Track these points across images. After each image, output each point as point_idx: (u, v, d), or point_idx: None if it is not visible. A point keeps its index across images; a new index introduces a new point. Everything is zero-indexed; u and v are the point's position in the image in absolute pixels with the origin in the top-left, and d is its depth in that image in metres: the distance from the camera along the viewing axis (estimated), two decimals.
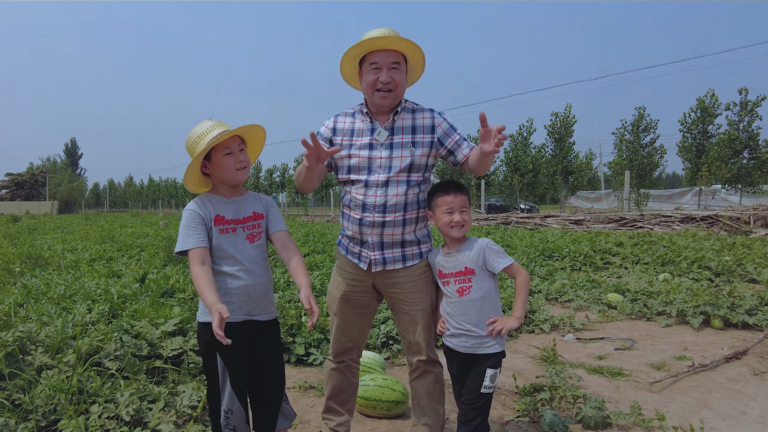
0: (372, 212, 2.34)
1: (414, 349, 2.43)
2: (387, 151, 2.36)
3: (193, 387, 3.21)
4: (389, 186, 2.34)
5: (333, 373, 2.58)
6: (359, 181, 2.37)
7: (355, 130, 2.44)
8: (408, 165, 2.35)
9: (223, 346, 2.25)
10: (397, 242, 2.39)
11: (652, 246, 10.45)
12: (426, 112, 2.45)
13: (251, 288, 2.25)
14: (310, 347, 4.15)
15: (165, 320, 4.08)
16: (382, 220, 2.33)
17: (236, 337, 2.24)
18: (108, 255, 10.45)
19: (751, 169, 21.90)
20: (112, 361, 3.41)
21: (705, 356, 4.21)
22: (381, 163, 2.35)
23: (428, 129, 2.41)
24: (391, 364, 4.06)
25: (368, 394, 3.03)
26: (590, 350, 4.45)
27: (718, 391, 3.44)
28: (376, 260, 2.38)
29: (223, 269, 2.23)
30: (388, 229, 2.35)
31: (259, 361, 2.32)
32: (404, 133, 2.39)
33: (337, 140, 2.45)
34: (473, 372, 2.24)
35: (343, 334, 2.52)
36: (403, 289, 2.40)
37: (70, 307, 4.79)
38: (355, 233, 2.41)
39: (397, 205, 2.33)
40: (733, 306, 5.23)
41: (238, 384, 2.26)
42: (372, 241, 2.37)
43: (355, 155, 2.39)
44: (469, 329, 2.23)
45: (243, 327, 2.26)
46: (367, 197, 2.35)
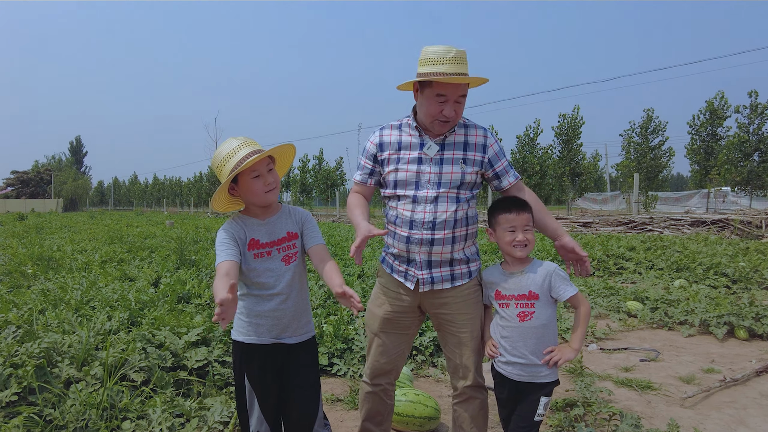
0: (420, 229, 2.26)
1: (461, 373, 2.35)
2: (437, 167, 2.29)
3: (221, 401, 3.16)
4: (439, 202, 2.26)
5: (369, 397, 2.49)
6: (406, 197, 2.30)
7: (402, 143, 2.35)
8: (458, 181, 2.28)
9: (250, 368, 2.21)
10: (445, 261, 2.31)
11: (665, 251, 10.37)
12: (479, 130, 2.37)
13: (282, 312, 2.20)
14: (333, 357, 4.10)
15: (188, 329, 4.04)
16: (431, 238, 2.26)
17: (264, 360, 2.21)
18: (118, 257, 10.42)
19: (761, 172, 21.74)
20: (137, 372, 3.37)
21: (733, 369, 4.15)
22: (430, 179, 2.28)
23: (480, 147, 2.33)
24: (416, 375, 4.02)
25: (400, 409, 2.98)
26: (615, 361, 4.40)
27: (753, 407, 3.38)
28: (424, 279, 2.31)
29: (254, 292, 2.19)
30: (437, 247, 2.28)
31: (292, 383, 2.26)
32: (455, 149, 2.31)
33: (383, 155, 2.37)
34: (526, 399, 2.17)
35: (383, 355, 2.43)
36: (451, 309, 2.34)
37: (89, 314, 4.76)
38: (402, 251, 2.33)
39: (447, 222, 2.26)
40: (757, 316, 5.16)
41: (268, 406, 2.22)
42: (420, 259, 2.30)
43: (403, 169, 2.31)
44: (525, 356, 2.15)
45: (272, 349, 2.22)
46: (416, 213, 2.27)
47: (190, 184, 64.34)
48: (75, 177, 77.58)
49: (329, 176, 39.21)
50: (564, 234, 2.32)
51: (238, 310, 2.24)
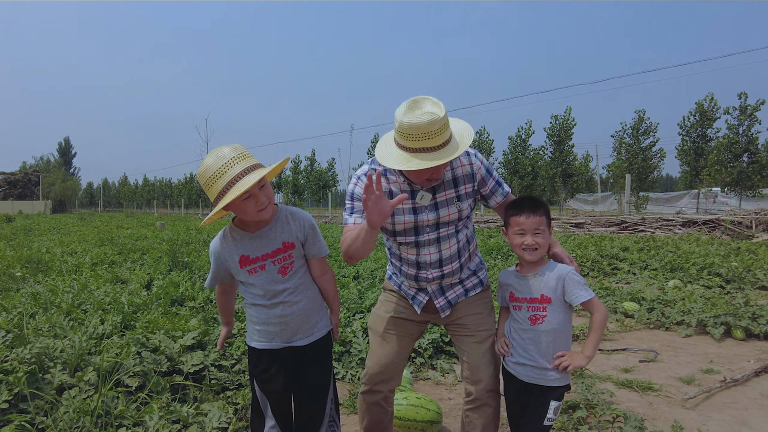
0: (428, 269, 2.29)
1: (476, 375, 2.26)
2: (433, 213, 2.23)
3: (218, 406, 3.10)
4: (441, 242, 2.27)
5: (372, 408, 2.43)
6: (408, 243, 2.28)
7: (393, 192, 2.23)
8: (456, 219, 2.27)
9: (261, 372, 2.17)
10: (456, 283, 2.36)
11: (658, 251, 10.42)
12: (463, 158, 2.26)
13: (289, 318, 2.13)
14: (332, 360, 4.04)
15: (183, 333, 3.97)
16: (440, 274, 2.29)
17: (275, 363, 2.16)
18: (109, 259, 10.29)
19: (750, 173, 21.95)
20: (131, 377, 3.29)
21: (732, 369, 4.14)
22: (428, 223, 2.25)
23: (468, 178, 2.26)
24: (416, 378, 3.97)
25: (402, 413, 2.93)
26: (614, 362, 4.38)
27: (755, 408, 3.37)
28: (442, 306, 2.34)
29: (258, 302, 2.13)
30: (447, 279, 2.32)
31: (301, 384, 2.22)
32: (447, 188, 2.24)
33: None
34: (535, 402, 2.12)
35: (389, 360, 2.37)
36: (463, 312, 2.33)
37: (81, 318, 4.67)
38: (412, 285, 2.36)
39: (452, 256, 2.29)
40: (754, 316, 5.18)
41: (281, 410, 2.19)
42: (431, 289, 2.33)
43: (400, 222, 2.24)
44: (535, 359, 2.11)
45: (284, 353, 2.17)
46: (421, 256, 2.28)
47: (180, 185, 63.88)
48: (64, 178, 76.79)
49: (321, 177, 39.12)
50: (555, 244, 2.27)
51: (248, 317, 2.21)
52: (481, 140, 32.18)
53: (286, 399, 2.20)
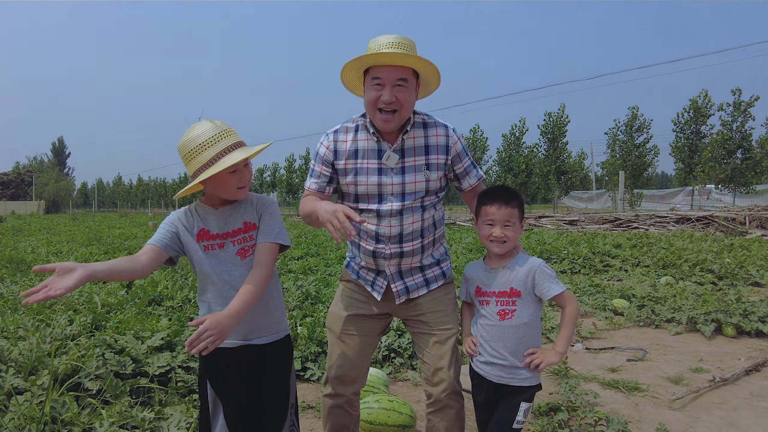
0: (387, 243, 2.10)
1: (437, 377, 2.13)
2: (399, 177, 2.09)
3: (181, 410, 2.95)
4: (404, 215, 2.09)
5: (334, 411, 2.27)
6: (369, 211, 2.11)
7: (359, 150, 2.13)
8: (423, 191, 2.11)
9: (214, 373, 2.00)
10: (416, 268, 2.18)
11: (650, 248, 10.30)
12: (439, 128, 2.16)
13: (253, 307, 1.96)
14: (307, 361, 3.89)
15: (151, 333, 3.81)
16: (399, 251, 2.11)
17: (231, 363, 2.00)
18: (94, 258, 10.11)
19: (744, 170, 21.90)
20: (92, 381, 3.13)
21: (722, 368, 4.01)
22: (393, 190, 2.09)
23: (442, 149, 2.14)
24: (394, 379, 3.82)
25: (373, 417, 2.79)
26: (601, 361, 4.24)
27: (744, 409, 3.23)
28: (399, 291, 2.16)
29: (212, 291, 1.95)
30: (407, 259, 2.13)
31: (259, 388, 2.05)
32: (417, 155, 2.11)
33: (339, 164, 2.15)
34: (505, 404, 1.99)
35: (349, 362, 2.22)
36: (424, 309, 2.17)
37: (50, 319, 4.50)
38: (369, 264, 2.17)
39: (414, 233, 2.11)
40: (745, 313, 5.05)
41: (233, 414, 2.00)
42: (390, 272, 2.15)
43: (363, 182, 2.11)
44: (505, 357, 1.97)
45: (239, 352, 1.99)
46: (381, 227, 2.10)
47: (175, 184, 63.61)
48: (57, 178, 76.35)
49: None
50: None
51: (200, 313, 2.01)
52: (475, 138, 32.07)
53: (242, 404, 2.04)
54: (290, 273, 7.88)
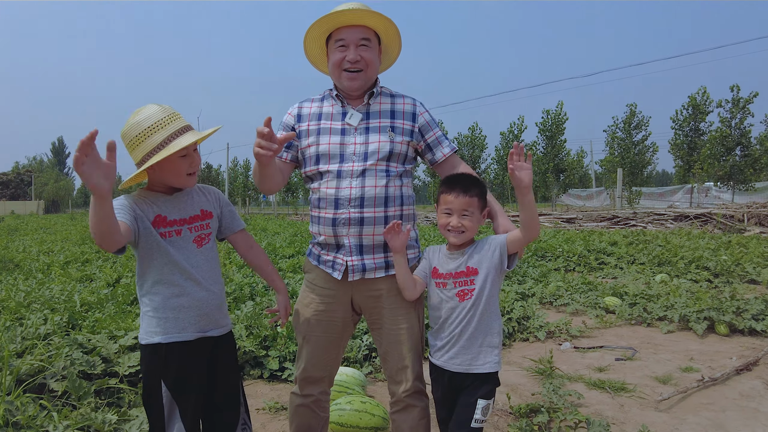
0: (347, 207, 1.98)
1: (398, 376, 2.05)
2: (362, 137, 2.03)
3: None
4: (366, 176, 1.98)
5: (300, 410, 2.18)
6: (330, 173, 2.01)
7: (323, 113, 2.10)
8: (387, 152, 2.01)
9: (173, 371, 1.90)
10: (378, 245, 2.03)
11: (647, 245, 10.19)
12: (407, 98, 2.14)
13: (204, 301, 1.90)
14: (285, 361, 3.79)
15: (125, 332, 3.71)
16: (359, 217, 1.97)
17: (189, 358, 1.90)
18: (85, 257, 10.01)
19: (743, 167, 21.77)
20: (59, 381, 3.03)
21: (713, 367, 3.90)
22: (355, 150, 2.01)
23: (408, 115, 2.09)
24: (374, 379, 3.71)
25: (344, 419, 2.68)
26: (589, 361, 4.13)
27: (733, 410, 3.12)
28: (354, 266, 2.01)
29: (168, 280, 1.86)
30: (368, 228, 1.99)
31: (215, 385, 1.97)
32: (382, 117, 2.06)
33: (302, 127, 2.11)
34: (462, 402, 1.91)
35: (314, 363, 2.12)
36: (386, 303, 2.05)
37: (27, 318, 4.40)
38: (329, 236, 2.04)
39: (377, 198, 1.98)
40: (738, 311, 4.94)
41: (189, 415, 1.90)
42: (349, 243, 2.01)
43: (324, 142, 2.04)
44: (462, 341, 1.92)
45: (196, 346, 1.90)
46: (341, 190, 1.99)
47: None
48: (57, 178, 76.27)
49: None
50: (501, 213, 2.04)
51: (147, 309, 1.90)
52: (474, 136, 31.95)
53: (196, 401, 1.93)
54: (280, 271, 7.78)
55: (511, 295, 5.66)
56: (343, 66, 2.01)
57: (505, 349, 4.49)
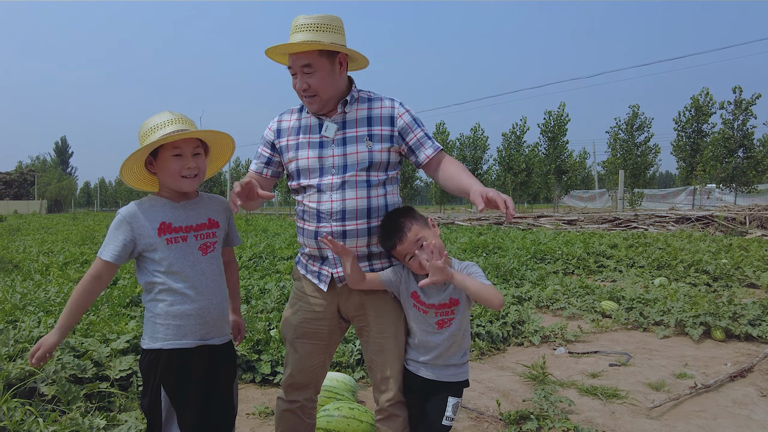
0: (329, 221, 1.98)
1: (383, 386, 2.05)
2: (339, 148, 2.01)
3: (137, 416, 2.85)
4: (346, 189, 1.98)
5: (285, 415, 2.19)
6: (311, 187, 2.02)
7: (301, 127, 2.10)
8: (366, 162, 2.00)
9: (173, 377, 1.90)
10: (362, 255, 2.03)
11: (647, 248, 10.14)
12: (385, 101, 2.09)
13: (206, 310, 1.92)
14: (277, 365, 3.78)
15: (118, 336, 3.71)
16: (341, 230, 1.97)
17: (188, 365, 1.91)
18: (84, 258, 10.03)
19: (745, 169, 21.69)
20: (49, 386, 3.03)
21: (707, 373, 3.88)
22: (334, 162, 2.00)
23: (386, 120, 2.06)
24: (366, 384, 3.70)
25: (332, 426, 2.68)
26: (583, 366, 4.12)
27: (724, 417, 3.11)
28: (340, 277, 2.03)
29: (172, 287, 1.89)
30: (351, 240, 1.98)
31: (212, 392, 1.98)
32: (359, 126, 2.04)
33: (281, 142, 2.12)
34: (433, 400, 1.95)
35: (300, 370, 2.14)
36: (370, 311, 2.05)
37: (21, 320, 4.41)
38: (313, 249, 2.06)
39: (359, 210, 1.98)
40: (735, 316, 4.91)
41: (187, 421, 1.91)
42: (333, 255, 2.02)
43: (303, 156, 2.04)
44: (440, 360, 1.96)
45: (197, 353, 1.92)
46: (322, 204, 1.99)
47: None
48: (60, 178, 76.63)
49: None
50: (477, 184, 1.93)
51: (151, 314, 1.93)
52: (476, 137, 31.91)
53: (193, 407, 1.94)
54: (276, 273, 7.77)
55: (507, 298, 5.64)
56: (299, 93, 2.04)
57: (499, 353, 4.48)
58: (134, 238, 1.88)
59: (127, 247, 1.88)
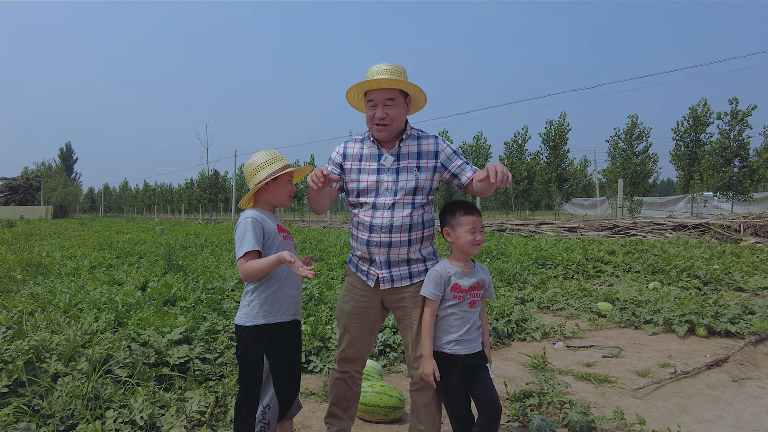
0: (379, 233, 2.54)
1: (417, 363, 2.57)
2: (393, 176, 2.58)
3: (200, 393, 3.37)
4: (395, 208, 2.54)
5: (337, 383, 2.75)
6: (367, 204, 2.58)
7: (363, 155, 2.66)
8: (413, 188, 2.56)
9: (272, 347, 2.37)
10: (403, 260, 2.60)
11: (643, 254, 10.65)
12: (430, 139, 2.66)
13: (296, 296, 2.49)
14: (310, 355, 4.31)
15: (171, 329, 4.24)
16: (388, 240, 2.54)
17: (286, 336, 2.44)
18: (107, 262, 10.57)
19: (741, 178, 22.22)
20: (121, 368, 3.57)
21: (688, 363, 4.40)
22: (388, 187, 2.56)
23: (432, 155, 2.62)
24: (388, 371, 4.23)
25: (367, 400, 3.20)
26: (579, 358, 4.64)
27: (698, 397, 3.63)
28: (384, 278, 2.58)
29: (278, 275, 2.41)
30: (395, 249, 2.55)
31: (294, 357, 2.51)
32: (410, 159, 2.60)
33: (347, 165, 2.68)
34: (481, 374, 2.50)
35: (351, 346, 2.70)
36: (408, 303, 2.59)
37: (78, 316, 4.94)
38: (364, 253, 2.62)
39: (403, 226, 2.54)
40: (717, 315, 5.44)
41: (280, 380, 2.41)
42: (380, 260, 2.58)
43: (364, 180, 2.60)
44: (470, 333, 2.52)
45: (289, 326, 2.47)
46: (374, 219, 2.55)
47: (180, 190, 64.22)
48: (65, 183, 77.21)
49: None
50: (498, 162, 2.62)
51: (254, 297, 2.40)
52: (478, 145, 32.47)
53: (285, 370, 2.43)
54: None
55: (511, 299, 6.17)
56: (374, 121, 2.58)
57: (504, 347, 5.00)
58: (263, 227, 2.41)
59: (258, 235, 2.39)
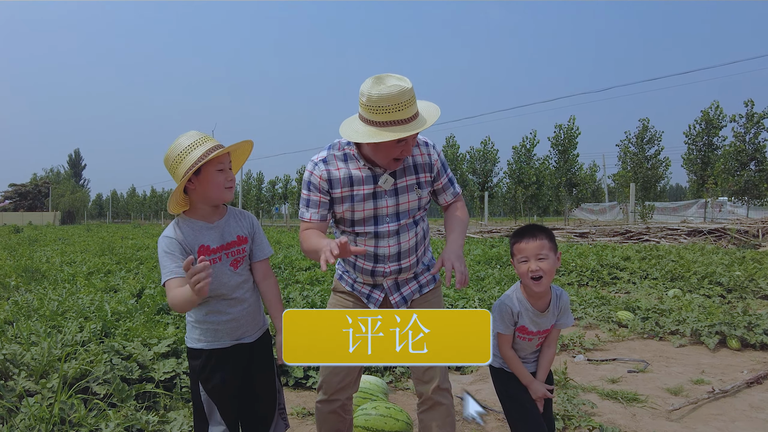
0: (386, 263, 2.20)
1: (425, 376, 2.22)
2: (393, 198, 2.17)
3: (185, 414, 3.04)
4: (400, 234, 2.19)
5: (329, 417, 2.33)
6: (367, 233, 2.19)
7: (353, 178, 2.15)
8: (416, 208, 2.22)
9: (207, 375, 2.07)
10: (411, 278, 2.30)
11: (659, 260, 10.24)
12: (422, 147, 2.24)
13: (238, 319, 2.10)
14: (309, 369, 3.96)
15: (158, 340, 3.91)
16: (398, 268, 2.22)
17: (226, 364, 2.09)
18: (106, 268, 10.29)
19: (757, 182, 21.68)
20: (100, 385, 3.24)
21: (724, 380, 4.01)
22: (388, 212, 2.17)
23: (427, 167, 2.24)
24: (394, 388, 3.87)
25: (370, 423, 2.85)
26: (602, 372, 4.26)
27: (742, 420, 3.24)
28: (398, 302, 2.26)
29: (206, 302, 2.05)
30: (404, 273, 2.25)
31: (253, 383, 2.16)
32: (407, 174, 2.19)
33: (336, 193, 2.16)
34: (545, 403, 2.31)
35: (338, 372, 2.27)
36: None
37: (62, 325, 4.63)
38: (367, 281, 2.27)
39: (410, 249, 2.23)
40: (750, 325, 5.03)
41: (228, 410, 2.10)
42: (387, 285, 2.25)
43: (360, 209, 2.16)
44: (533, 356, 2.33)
45: (232, 351, 2.10)
46: (379, 249, 2.18)
47: None
48: (73, 190, 77.62)
49: None
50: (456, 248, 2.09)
51: (191, 319, 2.11)
52: (486, 150, 32.12)
53: (233, 398, 2.12)
54: (297, 283, 7.97)
55: None
56: (397, 157, 2.06)
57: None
58: (181, 252, 1.98)
59: (183, 257, 1.96)
